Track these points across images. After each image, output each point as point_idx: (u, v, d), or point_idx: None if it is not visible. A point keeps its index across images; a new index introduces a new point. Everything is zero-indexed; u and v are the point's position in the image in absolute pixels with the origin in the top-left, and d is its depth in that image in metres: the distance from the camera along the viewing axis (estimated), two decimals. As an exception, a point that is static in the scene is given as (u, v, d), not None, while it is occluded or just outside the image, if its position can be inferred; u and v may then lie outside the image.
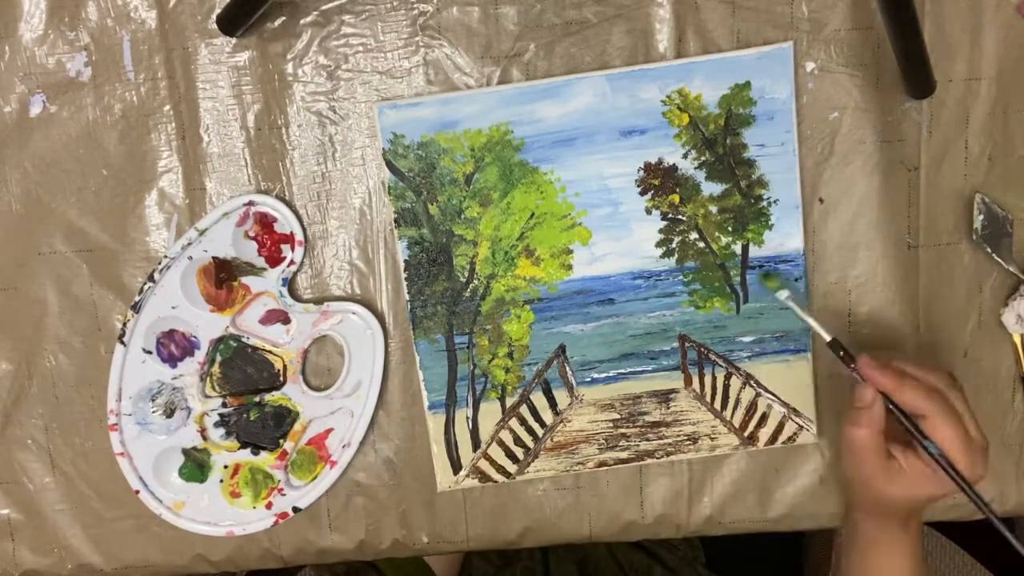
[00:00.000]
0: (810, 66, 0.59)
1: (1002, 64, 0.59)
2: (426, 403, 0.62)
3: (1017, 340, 0.62)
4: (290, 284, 0.61)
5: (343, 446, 0.62)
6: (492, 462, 0.63)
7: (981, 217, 0.60)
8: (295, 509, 0.62)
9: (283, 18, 0.59)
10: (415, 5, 0.59)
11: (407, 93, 0.60)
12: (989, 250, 0.60)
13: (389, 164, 0.59)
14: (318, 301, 0.61)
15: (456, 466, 0.63)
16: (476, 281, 0.61)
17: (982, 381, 0.62)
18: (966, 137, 0.60)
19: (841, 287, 0.61)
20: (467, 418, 0.62)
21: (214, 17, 0.59)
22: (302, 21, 0.59)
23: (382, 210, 0.61)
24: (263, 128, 0.60)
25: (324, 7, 0.59)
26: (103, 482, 0.63)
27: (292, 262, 0.60)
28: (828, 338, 0.55)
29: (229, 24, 0.58)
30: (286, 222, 0.60)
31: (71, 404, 0.63)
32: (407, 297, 0.61)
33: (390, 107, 0.59)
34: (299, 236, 0.60)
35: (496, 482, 0.63)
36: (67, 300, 0.62)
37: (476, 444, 0.62)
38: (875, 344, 0.62)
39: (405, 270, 0.60)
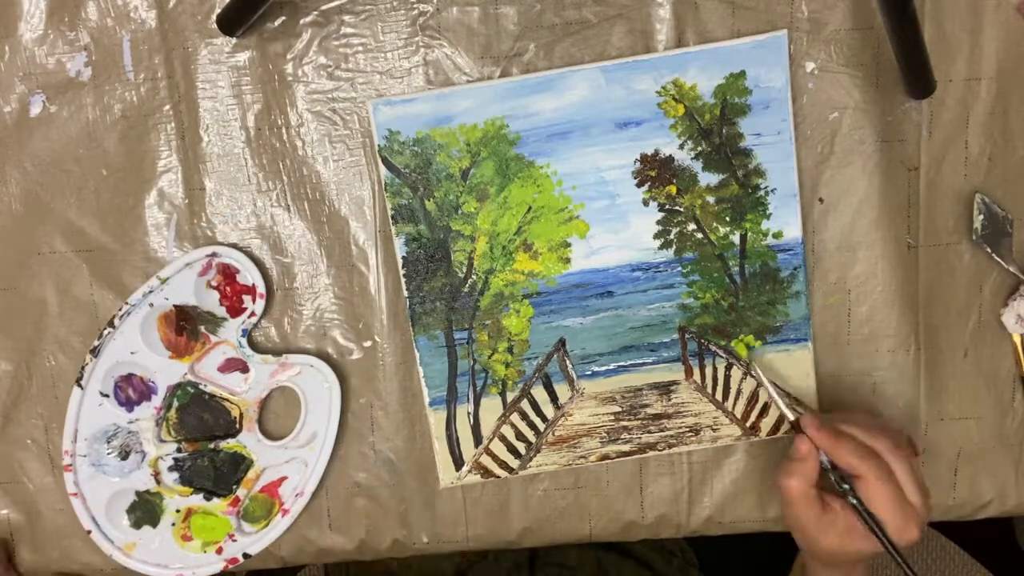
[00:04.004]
0: (810, 66, 0.59)
1: (1002, 64, 0.59)
2: (427, 399, 0.62)
3: (1017, 340, 0.62)
4: (250, 333, 0.61)
5: (296, 495, 0.62)
6: (494, 457, 0.62)
7: (981, 217, 0.60)
8: (245, 555, 0.62)
9: (283, 18, 0.59)
10: (415, 5, 0.59)
11: (407, 93, 0.60)
12: (989, 250, 0.60)
13: (385, 160, 0.59)
14: (277, 352, 0.61)
15: (458, 462, 0.63)
16: (474, 276, 0.61)
17: (982, 381, 0.62)
18: (966, 137, 0.60)
19: (841, 287, 0.61)
20: (468, 414, 0.62)
21: (214, 17, 0.59)
22: (302, 21, 0.59)
23: (379, 207, 0.61)
24: (263, 128, 0.60)
25: (324, 7, 0.59)
26: (103, 482, 0.63)
27: (253, 313, 0.60)
28: (792, 417, 0.57)
29: (229, 24, 0.58)
30: (248, 274, 0.60)
31: (71, 404, 0.63)
32: (406, 294, 0.61)
33: (385, 103, 0.59)
34: (260, 288, 0.60)
35: (499, 477, 0.63)
36: (67, 300, 0.62)
37: (478, 440, 0.62)
38: (875, 344, 0.62)
39: (403, 267, 0.60)
